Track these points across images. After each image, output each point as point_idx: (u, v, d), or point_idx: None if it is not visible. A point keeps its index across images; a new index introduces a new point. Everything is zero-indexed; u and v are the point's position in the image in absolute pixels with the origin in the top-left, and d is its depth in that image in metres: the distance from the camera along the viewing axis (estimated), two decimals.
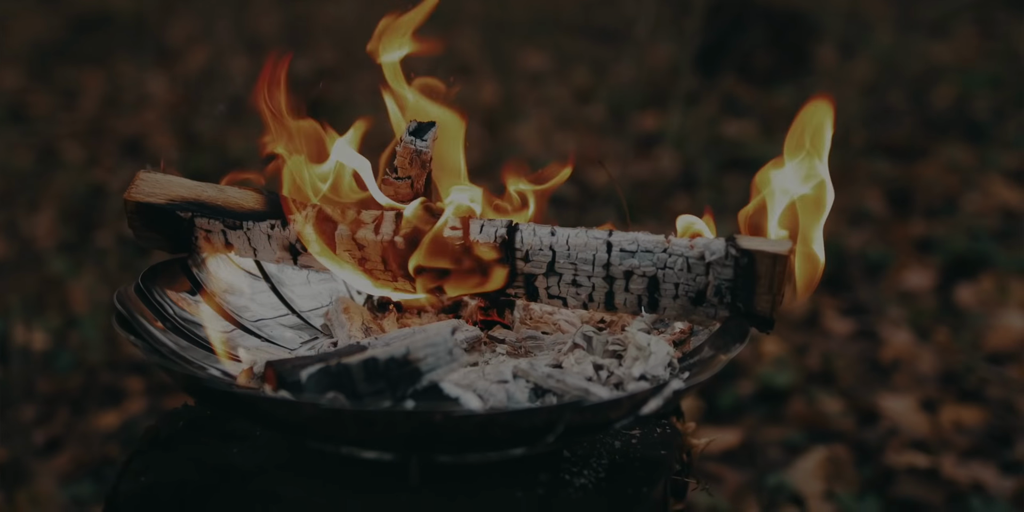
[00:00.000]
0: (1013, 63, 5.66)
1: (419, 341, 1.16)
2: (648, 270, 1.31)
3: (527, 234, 1.34)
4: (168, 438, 1.30)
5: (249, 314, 1.45)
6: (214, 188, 1.41)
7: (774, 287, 1.27)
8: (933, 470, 2.82)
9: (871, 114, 5.11)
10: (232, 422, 1.33)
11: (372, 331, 1.39)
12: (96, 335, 3.52)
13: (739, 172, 4.67)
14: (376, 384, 1.15)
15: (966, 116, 5.16)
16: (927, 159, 4.72)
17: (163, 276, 1.41)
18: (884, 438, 2.98)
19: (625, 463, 1.29)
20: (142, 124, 5.52)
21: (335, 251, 1.34)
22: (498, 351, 1.36)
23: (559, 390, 1.22)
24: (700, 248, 1.30)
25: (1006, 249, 3.88)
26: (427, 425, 1.08)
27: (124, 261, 4.02)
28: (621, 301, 1.34)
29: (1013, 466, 2.86)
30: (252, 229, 1.39)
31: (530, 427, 1.09)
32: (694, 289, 1.31)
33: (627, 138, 4.95)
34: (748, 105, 5.37)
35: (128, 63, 6.41)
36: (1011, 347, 3.36)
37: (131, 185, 1.40)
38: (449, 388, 1.16)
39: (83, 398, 3.25)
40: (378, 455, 1.20)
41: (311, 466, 1.24)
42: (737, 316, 1.31)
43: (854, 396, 3.15)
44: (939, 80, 5.58)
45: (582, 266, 1.33)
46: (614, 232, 1.34)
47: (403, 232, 1.34)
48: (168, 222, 1.40)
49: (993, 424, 3.03)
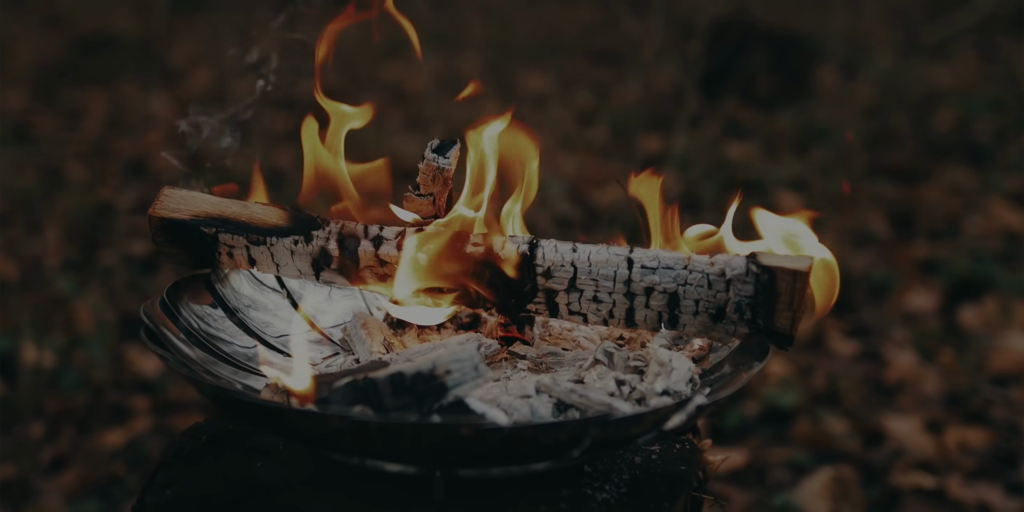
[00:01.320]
0: (1013, 87, 5.70)
1: (445, 357, 1.17)
2: (669, 286, 1.33)
3: (548, 250, 1.36)
4: (192, 452, 1.30)
5: (272, 330, 1.46)
6: (238, 204, 1.43)
7: (794, 304, 1.28)
8: (939, 491, 2.83)
9: (873, 137, 5.15)
10: (255, 437, 1.34)
11: (393, 347, 1.40)
12: (102, 354, 3.52)
13: (743, 193, 4.69)
14: (403, 399, 1.16)
15: (967, 139, 5.20)
16: (929, 182, 4.75)
17: (187, 291, 1.42)
18: (890, 459, 2.98)
19: (646, 479, 1.29)
20: (146, 145, 5.54)
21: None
22: (519, 367, 1.37)
23: (582, 405, 1.23)
24: (721, 265, 1.31)
25: (1009, 271, 3.90)
26: (454, 438, 1.09)
27: (129, 280, 4.03)
28: (641, 317, 1.35)
29: (1019, 487, 2.86)
30: (275, 245, 1.40)
31: (556, 441, 1.10)
32: (714, 306, 1.32)
33: (630, 160, 4.97)
34: (750, 128, 5.40)
35: (132, 84, 6.44)
36: (1015, 369, 3.36)
37: (156, 201, 1.41)
38: (475, 403, 1.17)
39: (89, 417, 3.25)
40: (403, 469, 1.21)
41: (335, 481, 1.25)
42: (757, 333, 1.32)
43: (859, 417, 3.15)
44: (940, 103, 5.61)
45: (603, 282, 1.34)
46: (635, 249, 1.35)
47: (426, 248, 1.36)
48: (192, 238, 1.42)
49: (998, 445, 3.03)
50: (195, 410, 3.27)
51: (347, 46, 6.93)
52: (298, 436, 1.16)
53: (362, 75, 6.48)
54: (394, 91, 6.36)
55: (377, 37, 1.74)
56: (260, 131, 5.66)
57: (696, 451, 1.37)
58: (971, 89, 5.83)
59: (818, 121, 5.43)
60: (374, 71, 6.59)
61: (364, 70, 6.52)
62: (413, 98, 6.20)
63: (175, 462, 1.29)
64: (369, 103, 1.49)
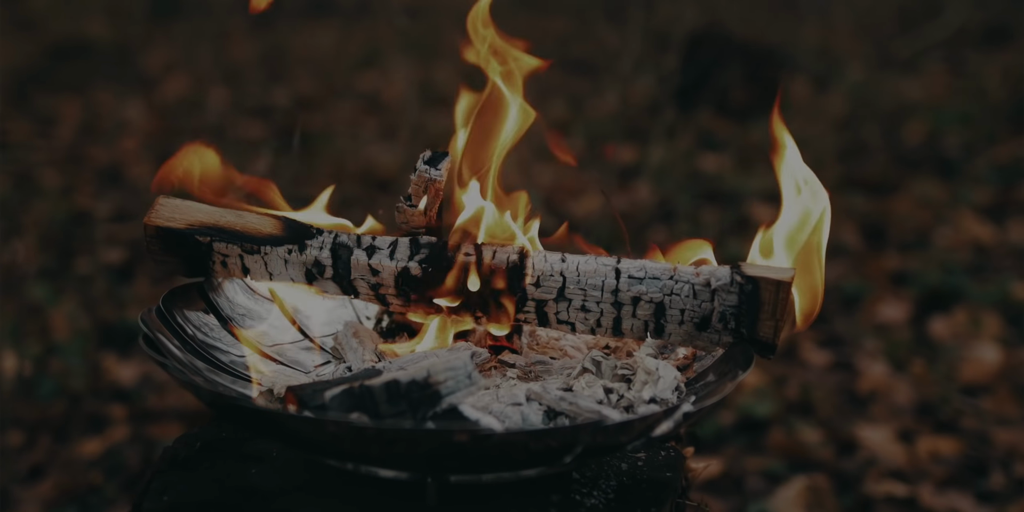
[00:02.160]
0: (982, 100, 5.79)
1: (439, 365, 1.19)
2: (655, 296, 1.36)
3: (538, 260, 1.39)
4: (186, 459, 1.32)
5: (266, 339, 1.48)
6: (233, 214, 1.44)
7: (777, 313, 1.32)
8: (911, 499, 2.87)
9: (844, 149, 5.22)
10: (248, 444, 1.36)
11: (384, 355, 1.42)
12: (79, 362, 3.52)
13: (716, 205, 4.75)
14: (398, 406, 1.18)
15: (937, 152, 5.27)
16: (900, 194, 4.81)
17: (180, 300, 1.44)
18: (863, 468, 3.02)
19: (632, 485, 1.32)
20: (121, 152, 5.53)
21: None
22: (509, 375, 1.40)
23: (572, 412, 1.25)
24: (706, 275, 1.35)
25: (978, 283, 3.96)
26: (451, 444, 1.11)
27: (106, 288, 4.02)
28: (628, 326, 1.38)
29: (989, 496, 2.91)
30: (269, 254, 1.42)
31: (549, 447, 1.13)
32: (699, 315, 1.36)
33: (605, 171, 5.02)
34: (724, 139, 5.46)
35: (106, 91, 6.43)
36: (984, 379, 3.42)
37: (151, 210, 1.43)
38: (468, 411, 1.19)
39: (66, 425, 3.24)
40: (396, 475, 1.23)
41: (329, 487, 1.27)
42: (741, 342, 1.35)
43: (832, 426, 3.20)
44: (910, 116, 5.69)
45: (591, 292, 1.37)
46: (622, 259, 1.38)
47: (419, 258, 1.38)
48: (186, 246, 1.43)
49: (968, 455, 3.09)
50: (173, 419, 3.28)
51: (322, 54, 6.95)
52: (296, 442, 1.18)
53: (338, 84, 6.50)
54: (369, 100, 6.38)
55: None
56: (234, 138, 5.68)
57: (681, 458, 1.40)
58: (940, 103, 5.92)
59: (791, 133, 5.47)
60: (349, 80, 6.61)
61: (340, 79, 6.54)
62: (389, 107, 6.22)
63: (170, 469, 1.31)
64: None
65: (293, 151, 4.68)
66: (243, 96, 6.21)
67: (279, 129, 5.79)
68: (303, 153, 5.38)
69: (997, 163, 5.08)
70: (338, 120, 5.97)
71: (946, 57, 6.53)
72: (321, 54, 6.99)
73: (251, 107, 6.13)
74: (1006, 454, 3.08)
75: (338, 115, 6.09)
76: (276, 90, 6.50)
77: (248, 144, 5.61)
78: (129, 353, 3.62)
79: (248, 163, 5.26)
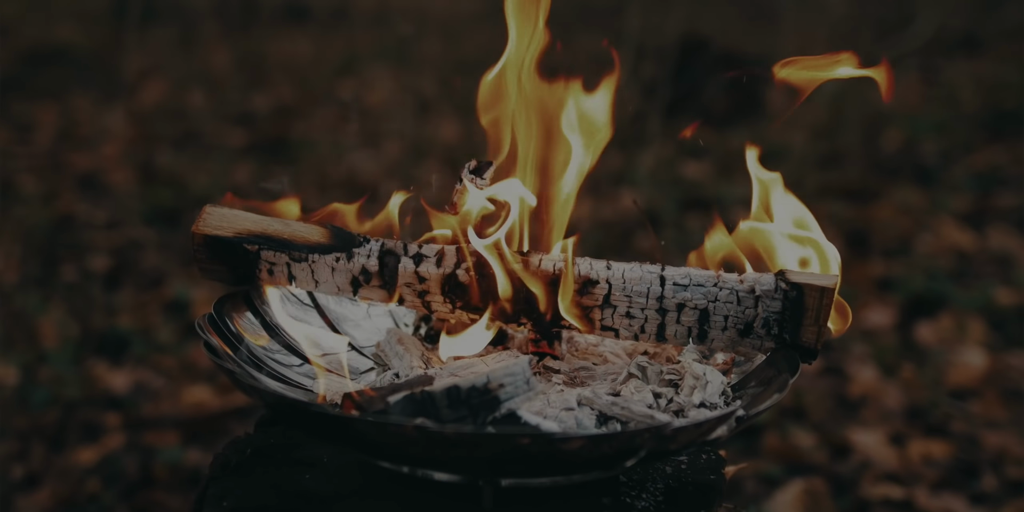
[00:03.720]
0: (956, 109, 5.89)
1: (499, 371, 1.21)
2: (700, 303, 1.39)
3: (584, 267, 1.41)
4: (239, 465, 1.33)
5: (312, 347, 1.49)
6: (279, 222, 1.46)
7: (820, 319, 1.35)
8: (907, 502, 2.92)
9: (824, 157, 5.29)
10: (299, 450, 1.37)
11: (431, 362, 1.44)
12: (71, 370, 3.50)
13: (699, 212, 4.80)
14: (459, 411, 1.20)
15: (915, 160, 5.35)
16: (880, 201, 4.88)
17: (228, 308, 1.45)
18: (857, 471, 3.07)
19: (679, 487, 1.35)
20: (100, 158, 5.50)
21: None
22: (554, 381, 1.42)
23: (623, 417, 1.28)
24: (750, 282, 1.38)
25: (962, 288, 4.03)
26: (518, 448, 1.13)
27: (93, 296, 4.01)
28: (672, 333, 1.41)
29: (982, 497, 2.96)
30: (317, 262, 1.43)
31: (615, 451, 1.15)
32: (742, 321, 1.39)
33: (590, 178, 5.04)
34: (705, 147, 5.51)
35: (83, 97, 6.39)
36: (971, 383, 3.48)
37: (199, 218, 1.44)
38: (527, 415, 1.21)
39: (60, 434, 3.23)
40: (451, 478, 1.25)
41: (384, 491, 1.29)
42: (783, 348, 1.38)
43: (825, 430, 3.24)
44: (887, 125, 5.77)
45: (636, 299, 1.40)
46: (666, 267, 1.41)
47: (466, 265, 1.40)
48: (234, 255, 1.44)
49: (959, 457, 3.14)
50: (169, 427, 3.27)
51: (300, 61, 6.93)
52: (361, 445, 1.20)
53: (318, 90, 6.49)
54: (349, 107, 6.38)
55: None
56: (215, 145, 5.66)
57: (721, 461, 1.42)
58: (916, 111, 6.01)
59: (770, 141, 5.55)
60: (329, 87, 6.61)
61: (319, 85, 6.54)
62: (370, 114, 6.22)
63: (224, 475, 1.32)
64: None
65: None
66: (222, 103, 6.20)
67: (261, 136, 5.78)
68: (285, 160, 5.38)
69: (974, 170, 5.17)
70: (318, 127, 5.97)
71: (919, 66, 6.63)
72: (299, 61, 6.98)
73: (231, 114, 6.11)
74: (996, 456, 3.14)
75: (318, 122, 6.09)
76: (256, 97, 6.50)
77: (231, 151, 5.60)
78: (121, 361, 3.61)
79: (230, 171, 5.26)
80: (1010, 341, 3.74)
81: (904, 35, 6.23)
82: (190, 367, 3.58)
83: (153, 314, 3.89)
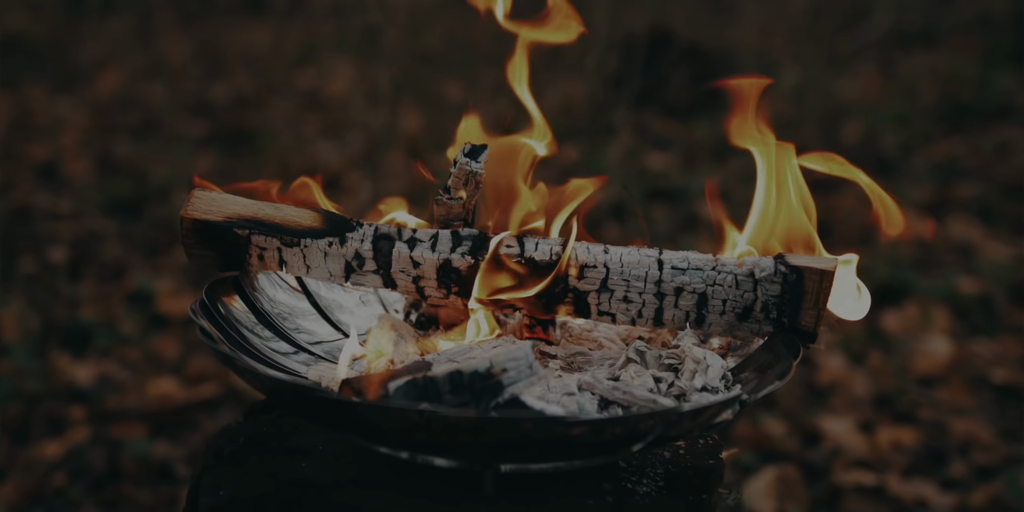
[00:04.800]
0: (914, 101, 5.95)
1: (501, 355, 1.20)
2: (698, 287, 1.38)
3: (581, 251, 1.40)
4: (232, 454, 1.30)
5: (305, 336, 1.47)
6: (271, 206, 1.43)
7: (820, 302, 1.35)
8: (879, 488, 2.94)
9: None
10: (292, 438, 1.35)
11: (426, 348, 1.42)
12: (32, 364, 3.44)
13: (664, 202, 4.81)
14: (461, 396, 1.18)
15: (875, 151, 5.39)
16: (842, 192, 4.91)
17: (219, 294, 1.41)
18: (829, 458, 3.09)
19: (679, 472, 1.34)
20: (58, 149, 5.41)
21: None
22: (551, 366, 1.41)
23: (625, 401, 1.27)
24: (749, 265, 1.37)
25: (926, 278, 4.07)
26: (526, 432, 1.12)
27: (53, 288, 3.94)
28: (670, 317, 1.40)
29: (952, 483, 2.99)
30: (309, 247, 1.41)
31: (625, 435, 1.14)
32: (741, 305, 1.38)
33: (552, 169, 5.04)
34: (668, 138, 5.53)
35: (38, 87, 6.28)
36: (937, 371, 3.52)
37: (187, 202, 1.41)
38: (530, 400, 1.20)
39: (24, 427, 3.17)
40: (450, 464, 1.23)
41: (382, 478, 1.27)
42: (781, 331, 1.38)
43: (796, 418, 3.26)
44: (847, 116, 5.82)
45: (634, 283, 1.38)
46: (664, 250, 1.40)
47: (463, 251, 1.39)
48: (224, 240, 1.41)
49: (927, 444, 3.17)
50: (135, 419, 3.22)
51: (258, 52, 6.87)
52: (363, 431, 1.18)
53: (277, 81, 6.43)
54: (309, 98, 6.33)
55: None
56: (175, 136, 5.59)
57: (719, 446, 1.42)
58: (875, 103, 6.06)
59: None
60: (288, 77, 6.55)
61: (278, 76, 6.47)
62: (329, 105, 6.17)
63: (218, 464, 1.29)
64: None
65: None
66: (181, 93, 6.12)
67: (221, 126, 5.71)
68: (246, 151, 5.32)
69: (933, 162, 5.22)
70: (278, 117, 5.91)
71: (878, 58, 6.69)
72: (257, 51, 6.91)
73: (190, 104, 6.04)
74: (963, 443, 3.17)
75: (276, 113, 6.03)
76: (215, 87, 6.42)
77: (191, 142, 5.53)
78: (84, 353, 3.55)
79: (191, 161, 5.19)
80: (974, 329, 3.79)
81: (862, 28, 6.28)
82: (155, 359, 3.53)
83: (116, 305, 3.83)
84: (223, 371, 3.45)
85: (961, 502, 2.89)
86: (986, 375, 3.52)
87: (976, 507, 2.88)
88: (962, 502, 2.89)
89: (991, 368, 3.55)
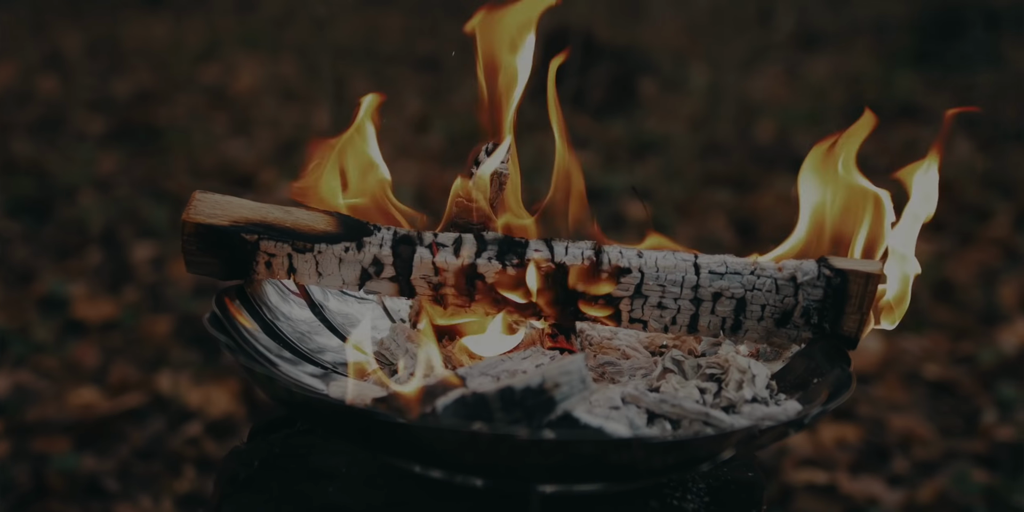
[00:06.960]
0: (822, 100, 6.03)
1: (553, 369, 1.12)
2: (737, 292, 1.32)
3: (614, 256, 1.32)
4: (250, 479, 1.20)
5: (312, 345, 1.36)
6: (280, 209, 1.32)
7: (864, 307, 1.30)
8: (831, 486, 2.94)
9: (703, 148, 5.34)
10: (310, 459, 1.25)
11: (451, 360, 1.33)
12: None
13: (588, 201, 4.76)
14: (513, 414, 1.10)
15: (788, 150, 5.45)
16: (761, 190, 4.95)
17: (229, 305, 1.30)
18: (777, 457, 3.08)
19: (721, 487, 1.28)
20: None
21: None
22: None
23: (675, 415, 1.20)
24: (791, 269, 1.32)
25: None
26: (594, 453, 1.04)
27: None
28: (705, 323, 1.33)
29: (897, 479, 3.01)
30: (323, 252, 1.30)
31: (705, 453, 1.07)
32: (780, 310, 1.32)
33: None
34: (587, 137, 5.50)
35: None
36: (872, 368, 3.55)
37: (188, 206, 1.29)
38: (585, 417, 1.12)
39: None
40: (495, 484, 1.15)
41: (419, 503, 1.18)
42: (821, 337, 1.33)
43: None
44: (760, 116, 5.87)
45: (670, 288, 1.31)
46: (700, 255, 1.34)
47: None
48: (229, 245, 1.29)
49: (869, 441, 3.19)
50: (58, 431, 3.04)
51: (159, 46, 6.62)
52: (411, 452, 1.09)
53: (179, 76, 6.21)
54: (215, 94, 6.12)
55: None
56: (76, 133, 5.34)
57: (754, 457, 1.36)
58: (784, 103, 6.13)
59: (648, 131, 5.59)
60: (192, 72, 6.33)
61: (181, 71, 6.25)
62: (237, 101, 5.98)
63: (236, 491, 1.18)
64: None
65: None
66: (78, 88, 5.86)
67: (124, 123, 5.48)
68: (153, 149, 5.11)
69: None
70: (184, 114, 5.71)
71: (783, 59, 6.79)
72: (157, 46, 6.66)
73: (89, 99, 5.78)
74: (903, 439, 3.20)
75: (180, 109, 5.82)
76: (114, 82, 6.17)
77: (94, 139, 5.30)
78: None
79: (96, 159, 4.96)
80: (902, 326, 3.82)
81: (767, 29, 6.35)
82: (73, 367, 3.34)
83: (27, 311, 3.62)
84: (147, 379, 3.29)
85: (909, 498, 2.91)
86: (917, 371, 3.56)
87: (924, 503, 2.91)
88: (910, 498, 2.91)
89: (922, 364, 3.60)
